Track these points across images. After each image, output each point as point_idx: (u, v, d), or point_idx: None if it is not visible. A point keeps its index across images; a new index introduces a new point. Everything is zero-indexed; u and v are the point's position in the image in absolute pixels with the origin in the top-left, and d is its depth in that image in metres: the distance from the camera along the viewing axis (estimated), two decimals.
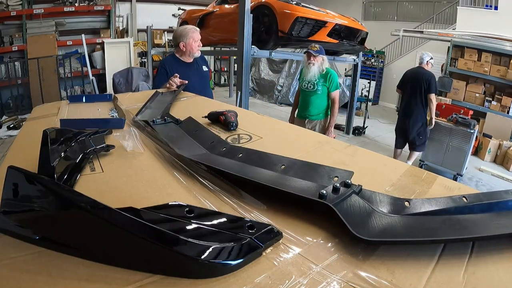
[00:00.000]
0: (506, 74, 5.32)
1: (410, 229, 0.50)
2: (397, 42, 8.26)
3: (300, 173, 0.65)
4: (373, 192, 0.59)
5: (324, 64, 2.93)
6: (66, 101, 1.44)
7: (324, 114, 3.04)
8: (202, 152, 0.84)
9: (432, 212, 0.55)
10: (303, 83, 3.01)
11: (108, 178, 0.68)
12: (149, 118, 1.05)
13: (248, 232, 0.47)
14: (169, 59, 2.24)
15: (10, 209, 0.45)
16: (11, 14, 5.97)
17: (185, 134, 0.97)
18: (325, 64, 2.94)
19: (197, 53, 2.21)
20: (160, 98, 1.44)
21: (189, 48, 2.17)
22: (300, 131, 1.13)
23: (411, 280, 0.41)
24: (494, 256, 0.46)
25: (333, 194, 0.54)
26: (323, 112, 3.03)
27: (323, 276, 0.42)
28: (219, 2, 4.75)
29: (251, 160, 0.73)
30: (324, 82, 2.92)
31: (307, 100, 3.03)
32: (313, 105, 3.01)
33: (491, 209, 0.56)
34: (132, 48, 7.25)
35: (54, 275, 0.39)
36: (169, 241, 0.40)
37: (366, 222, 0.50)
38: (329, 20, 3.78)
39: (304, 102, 3.07)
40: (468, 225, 0.51)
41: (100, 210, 0.40)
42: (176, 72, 1.95)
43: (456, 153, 3.90)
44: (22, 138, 0.99)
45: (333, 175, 0.63)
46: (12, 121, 5.38)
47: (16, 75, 6.21)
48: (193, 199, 0.60)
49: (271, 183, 0.60)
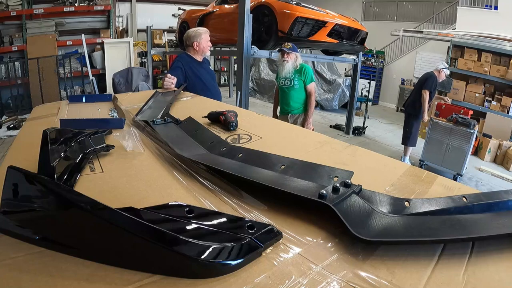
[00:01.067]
0: (506, 74, 5.32)
1: (410, 229, 0.50)
2: (397, 42, 8.26)
3: (300, 173, 0.65)
4: (373, 192, 0.59)
5: (297, 60, 3.08)
6: (66, 101, 1.44)
7: (305, 107, 3.20)
8: (202, 152, 0.84)
9: (432, 212, 0.55)
10: (280, 80, 3.16)
11: (108, 178, 0.68)
12: (149, 118, 1.05)
13: (248, 232, 0.47)
14: (184, 56, 2.39)
15: (10, 209, 0.44)
16: (11, 14, 5.97)
17: (185, 134, 0.97)
18: (298, 60, 3.09)
19: (208, 52, 2.40)
20: (160, 98, 1.44)
21: (202, 47, 2.35)
22: (300, 131, 1.13)
23: (411, 280, 0.41)
24: (494, 256, 0.46)
25: (333, 194, 0.54)
26: (303, 105, 3.19)
27: (323, 276, 0.42)
28: (219, 2, 4.75)
29: (251, 160, 0.73)
30: (300, 76, 3.08)
31: (286, 96, 3.19)
32: (293, 100, 3.17)
33: (491, 209, 0.56)
34: (132, 48, 7.25)
35: (54, 275, 0.39)
36: (169, 241, 0.40)
37: (366, 222, 0.50)
38: (329, 20, 3.78)
39: (284, 99, 3.22)
40: (468, 225, 0.51)
41: (100, 210, 0.40)
42: (190, 69, 2.22)
43: (456, 153, 3.90)
44: (22, 138, 0.99)
45: (333, 175, 0.63)
46: (12, 121, 5.38)
47: (16, 75, 6.21)
48: (193, 199, 0.60)
49: (271, 183, 0.60)
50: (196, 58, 2.36)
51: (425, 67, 7.88)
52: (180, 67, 2.23)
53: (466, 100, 5.89)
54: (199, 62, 2.36)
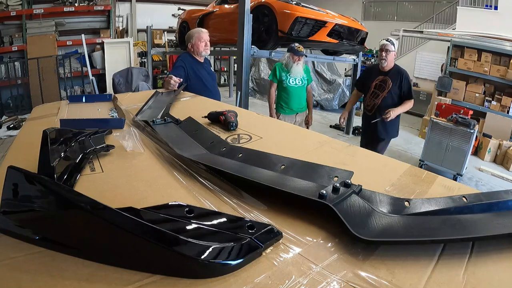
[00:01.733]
0: (506, 74, 5.32)
1: (410, 229, 0.50)
2: (397, 42, 8.27)
3: (300, 173, 0.65)
4: (373, 192, 0.59)
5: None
6: (66, 101, 1.44)
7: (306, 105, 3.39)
8: (202, 152, 0.84)
9: (432, 212, 0.55)
10: (290, 79, 3.19)
11: (108, 178, 0.68)
12: (149, 118, 1.05)
13: (248, 232, 0.47)
14: (186, 55, 2.41)
15: (10, 209, 0.44)
16: (11, 14, 5.97)
17: (185, 134, 0.97)
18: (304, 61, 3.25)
19: (204, 52, 2.39)
20: (160, 98, 1.44)
21: (196, 48, 2.35)
22: (300, 131, 1.13)
23: (411, 280, 0.41)
24: (494, 256, 0.46)
25: (333, 194, 0.54)
26: (306, 103, 3.38)
27: (323, 276, 0.42)
28: (219, 2, 4.75)
29: (251, 160, 0.73)
30: (306, 76, 3.25)
31: (297, 95, 3.25)
32: (303, 99, 3.30)
33: (491, 209, 0.56)
34: (132, 48, 7.24)
35: (54, 275, 0.39)
36: (169, 241, 0.40)
37: (366, 222, 0.50)
38: (329, 20, 3.78)
39: (294, 98, 3.25)
40: (468, 225, 0.51)
41: (100, 210, 0.40)
42: (192, 69, 2.25)
43: (456, 153, 3.90)
44: (22, 138, 0.99)
45: (333, 175, 0.63)
46: (12, 121, 5.38)
47: (16, 75, 6.20)
48: (193, 199, 0.60)
49: (271, 183, 0.60)
50: (197, 58, 2.38)
51: (425, 67, 7.90)
52: (183, 66, 2.24)
53: (466, 100, 5.88)
54: (200, 62, 2.37)
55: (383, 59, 2.73)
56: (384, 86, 2.77)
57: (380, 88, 2.80)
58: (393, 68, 2.79)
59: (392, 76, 2.76)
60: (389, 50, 2.72)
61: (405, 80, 2.76)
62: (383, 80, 2.78)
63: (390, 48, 2.72)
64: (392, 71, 2.78)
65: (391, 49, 2.73)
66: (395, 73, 2.76)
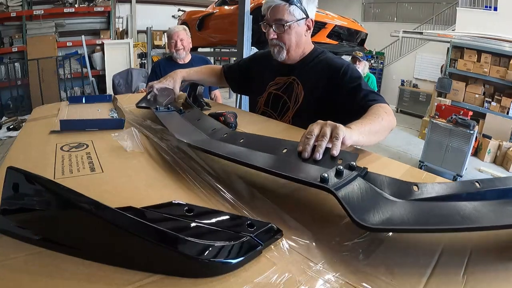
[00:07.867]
0: (505, 75, 5.33)
1: (418, 216, 0.47)
2: (397, 43, 8.27)
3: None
4: (379, 175, 0.56)
5: (365, 69, 3.19)
6: (66, 102, 1.44)
7: None
8: (202, 137, 0.82)
9: (442, 198, 0.51)
10: None
11: (108, 178, 0.68)
12: (152, 106, 1.04)
13: (248, 231, 0.47)
14: (161, 61, 2.31)
15: (10, 209, 0.45)
16: (11, 15, 5.97)
17: (187, 122, 0.95)
18: (366, 70, 3.19)
19: (176, 53, 2.21)
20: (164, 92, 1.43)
21: (171, 48, 2.21)
22: (300, 131, 1.13)
23: (411, 280, 0.41)
24: (494, 256, 0.46)
25: (336, 177, 0.51)
26: None
27: (322, 275, 0.42)
28: (219, 3, 4.75)
29: (252, 144, 0.71)
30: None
31: None
32: None
33: (506, 195, 0.52)
34: (132, 49, 7.24)
35: (54, 275, 0.39)
36: (169, 240, 0.40)
37: (370, 208, 0.47)
38: (328, 21, 3.78)
39: None
40: (481, 212, 0.47)
41: (100, 210, 0.40)
42: (165, 72, 2.09)
43: (455, 154, 3.90)
44: (22, 139, 0.99)
45: (337, 158, 0.61)
46: (12, 122, 5.38)
47: (16, 76, 6.20)
48: (193, 198, 0.60)
49: (272, 168, 0.57)
50: (177, 60, 2.23)
51: (425, 68, 7.91)
52: (154, 75, 2.14)
53: (465, 101, 5.90)
54: (180, 65, 2.21)
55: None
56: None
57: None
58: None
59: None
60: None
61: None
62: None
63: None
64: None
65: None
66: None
